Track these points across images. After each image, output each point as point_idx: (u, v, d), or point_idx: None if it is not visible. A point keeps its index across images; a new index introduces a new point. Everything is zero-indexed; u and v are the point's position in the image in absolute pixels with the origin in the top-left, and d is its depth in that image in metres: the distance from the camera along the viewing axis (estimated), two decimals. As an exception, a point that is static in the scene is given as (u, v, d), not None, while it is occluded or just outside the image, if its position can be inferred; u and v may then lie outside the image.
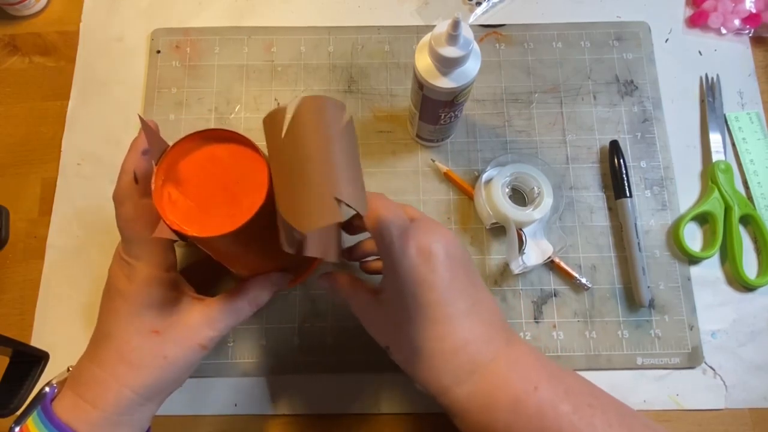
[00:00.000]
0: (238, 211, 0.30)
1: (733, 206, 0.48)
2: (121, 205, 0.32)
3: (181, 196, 0.31)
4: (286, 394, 0.45)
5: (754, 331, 0.47)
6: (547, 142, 0.51)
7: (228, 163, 0.31)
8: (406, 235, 0.33)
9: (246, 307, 0.35)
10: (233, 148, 0.32)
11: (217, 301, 0.34)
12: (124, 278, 0.33)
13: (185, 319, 0.33)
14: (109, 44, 0.55)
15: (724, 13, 0.55)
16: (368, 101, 0.52)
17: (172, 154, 0.31)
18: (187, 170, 0.31)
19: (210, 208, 0.31)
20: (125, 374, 0.32)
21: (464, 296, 0.33)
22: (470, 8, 0.56)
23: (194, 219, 0.30)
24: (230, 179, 0.31)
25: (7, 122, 0.52)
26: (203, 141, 0.32)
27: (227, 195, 0.31)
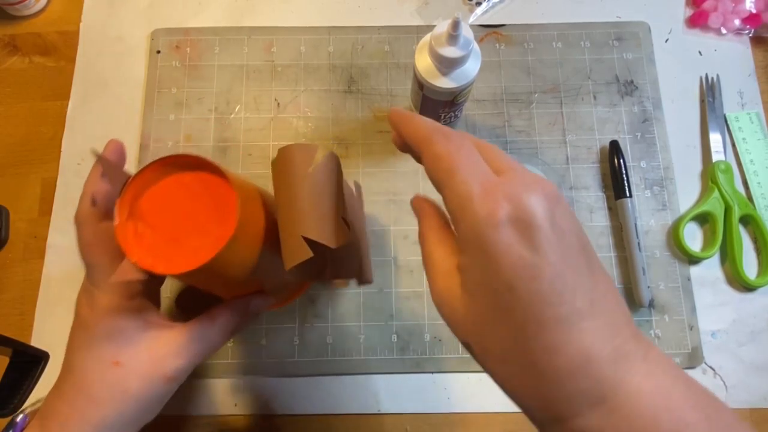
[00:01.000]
0: (209, 241, 0.29)
1: (733, 206, 0.48)
2: (81, 228, 0.30)
3: (147, 228, 0.29)
4: (286, 394, 0.45)
5: (754, 331, 0.47)
6: (547, 142, 0.51)
7: (196, 192, 0.30)
8: (493, 194, 0.22)
9: (218, 334, 0.33)
10: (201, 175, 0.30)
11: (187, 327, 0.32)
12: (86, 306, 0.31)
13: (150, 350, 0.31)
14: (109, 44, 0.55)
15: (724, 13, 0.55)
16: (368, 101, 0.52)
17: (136, 184, 0.30)
18: (153, 201, 0.30)
19: (179, 241, 0.29)
20: (86, 409, 0.30)
21: (582, 287, 0.22)
22: (470, 8, 0.56)
23: (162, 253, 0.29)
24: (199, 208, 0.30)
25: (7, 122, 0.52)
26: (169, 169, 0.30)
27: (197, 225, 0.29)
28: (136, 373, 0.30)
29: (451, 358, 0.45)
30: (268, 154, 0.51)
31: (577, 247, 0.23)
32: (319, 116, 0.52)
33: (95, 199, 0.30)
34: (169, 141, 0.51)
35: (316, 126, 0.52)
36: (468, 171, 0.23)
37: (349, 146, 0.51)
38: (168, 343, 0.31)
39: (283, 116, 0.52)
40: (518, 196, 0.22)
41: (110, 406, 0.30)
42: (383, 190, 0.50)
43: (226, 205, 0.29)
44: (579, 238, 0.23)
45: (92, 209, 0.30)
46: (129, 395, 0.30)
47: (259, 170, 0.50)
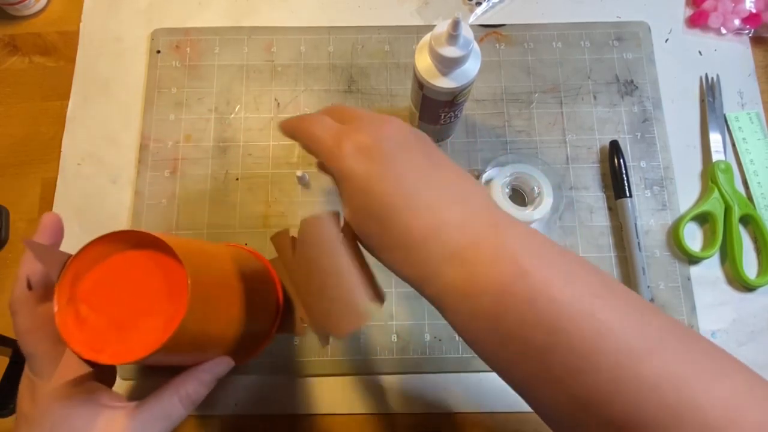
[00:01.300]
0: (160, 323, 0.27)
1: (733, 206, 0.48)
2: (16, 315, 0.28)
3: (91, 312, 0.27)
4: (286, 394, 0.45)
5: (754, 331, 0.47)
6: (547, 142, 0.51)
7: (143, 270, 0.28)
8: (338, 139, 0.29)
9: (179, 408, 0.30)
10: (147, 252, 0.28)
11: (144, 406, 0.30)
12: (28, 399, 0.28)
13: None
14: (109, 44, 0.55)
15: (724, 13, 0.55)
16: (368, 101, 0.52)
17: (76, 265, 0.28)
18: (96, 282, 0.28)
19: (127, 324, 0.27)
20: None
21: (427, 179, 0.28)
22: (470, 8, 0.56)
23: (109, 339, 0.27)
24: (146, 288, 0.28)
25: (7, 122, 0.52)
26: (112, 246, 0.28)
27: (145, 306, 0.27)
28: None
29: (451, 358, 0.45)
30: (268, 154, 0.51)
31: (421, 152, 0.29)
32: (319, 116, 0.52)
33: (30, 282, 0.28)
34: (169, 141, 0.51)
35: (316, 126, 0.52)
36: (320, 132, 0.30)
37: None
38: (124, 427, 0.29)
39: (283, 116, 0.52)
40: (357, 133, 0.29)
41: None
42: (383, 190, 0.50)
43: (177, 282, 0.27)
44: (421, 146, 0.30)
45: (28, 293, 0.28)
46: None
47: (259, 170, 0.50)
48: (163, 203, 0.49)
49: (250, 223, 0.49)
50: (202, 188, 0.50)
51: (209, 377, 0.32)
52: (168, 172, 0.50)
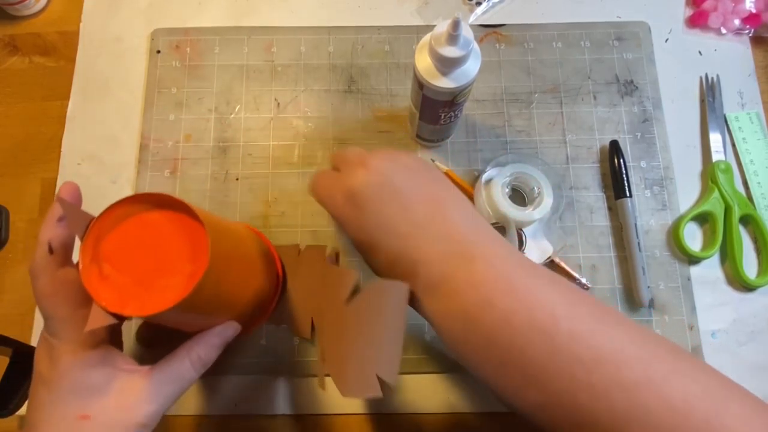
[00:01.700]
0: (180, 281, 0.28)
1: (733, 206, 0.48)
2: (37, 279, 0.29)
3: (113, 270, 0.28)
4: (285, 394, 0.45)
5: (754, 331, 0.47)
6: (547, 142, 0.51)
7: (164, 231, 0.29)
8: (332, 189, 0.33)
9: (190, 371, 0.32)
10: (167, 214, 0.29)
11: (157, 369, 0.31)
12: (47, 360, 0.29)
13: (119, 398, 0.29)
14: (109, 44, 0.55)
15: (724, 13, 0.55)
16: (368, 101, 0.52)
17: (99, 225, 0.29)
18: (118, 242, 0.29)
19: (147, 282, 0.28)
20: None
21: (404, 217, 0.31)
22: (470, 8, 0.56)
23: (131, 295, 0.28)
24: (167, 248, 0.29)
25: (7, 122, 0.52)
26: (133, 208, 0.29)
27: (165, 265, 0.29)
28: (107, 424, 0.29)
29: (451, 358, 0.45)
30: (268, 154, 0.51)
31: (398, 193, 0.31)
32: (319, 116, 0.52)
33: (52, 247, 0.29)
34: (169, 141, 0.51)
35: (316, 126, 0.52)
36: (320, 187, 0.35)
37: (349, 147, 0.51)
38: (138, 390, 0.30)
39: (283, 116, 0.52)
40: (344, 182, 0.32)
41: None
42: (383, 190, 0.50)
43: (197, 243, 0.28)
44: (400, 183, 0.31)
45: (49, 258, 0.29)
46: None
47: (259, 170, 0.50)
48: (163, 203, 0.49)
49: (250, 223, 0.49)
50: (202, 188, 0.50)
51: (219, 341, 0.33)
52: (168, 172, 0.50)
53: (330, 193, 0.33)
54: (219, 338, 0.34)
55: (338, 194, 0.32)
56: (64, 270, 0.29)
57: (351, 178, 0.32)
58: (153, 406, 0.30)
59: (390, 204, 0.31)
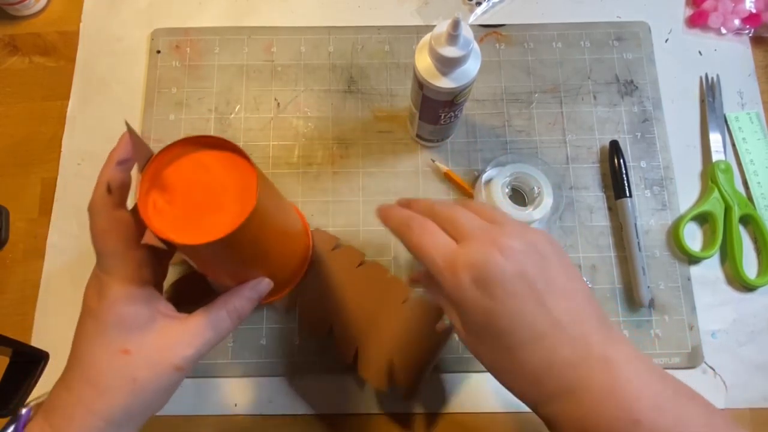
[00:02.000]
0: (227, 218, 0.29)
1: (733, 206, 0.48)
2: (94, 216, 0.31)
3: (167, 204, 0.30)
4: (286, 394, 0.45)
5: (754, 331, 0.47)
6: (547, 142, 0.51)
7: (215, 171, 0.31)
8: (453, 266, 0.30)
9: (226, 320, 0.33)
10: (221, 155, 0.31)
11: (195, 316, 0.32)
12: (95, 295, 0.31)
13: (158, 338, 0.31)
14: (109, 44, 0.55)
15: (724, 13, 0.55)
16: (368, 101, 0.52)
17: (158, 161, 0.31)
18: (173, 178, 0.31)
19: (197, 216, 0.30)
20: (91, 399, 0.29)
21: (542, 313, 0.29)
22: (470, 8, 0.56)
23: (181, 227, 0.30)
24: (218, 186, 0.30)
25: (7, 122, 0.52)
26: (189, 148, 0.31)
27: (215, 202, 0.30)
28: (145, 361, 0.30)
29: (451, 358, 0.45)
30: (268, 154, 0.51)
31: (534, 282, 0.29)
32: (319, 116, 0.52)
33: (111, 187, 0.31)
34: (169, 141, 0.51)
35: (316, 126, 0.52)
36: (432, 249, 0.31)
37: (349, 146, 0.51)
38: (177, 333, 0.31)
39: (283, 116, 0.52)
40: (471, 260, 0.29)
41: (117, 396, 0.30)
42: (383, 189, 0.50)
43: (246, 184, 0.30)
44: (536, 271, 0.30)
45: (107, 197, 0.31)
46: (137, 385, 0.30)
47: (259, 170, 0.50)
48: (163, 203, 0.49)
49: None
50: (202, 188, 0.50)
51: (254, 294, 0.34)
52: (168, 172, 0.50)
53: (450, 265, 0.30)
54: (254, 292, 0.35)
55: (462, 271, 0.29)
56: (120, 211, 0.31)
57: (482, 258, 0.29)
58: (190, 351, 0.31)
59: (527, 300, 0.29)
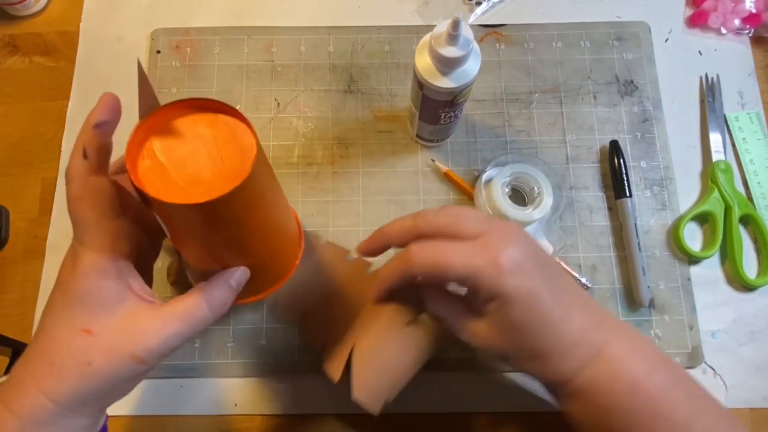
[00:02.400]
0: (213, 185, 0.28)
1: (733, 206, 0.48)
2: (70, 182, 0.29)
3: (154, 159, 0.29)
4: (286, 394, 0.45)
5: (754, 331, 0.47)
6: (547, 142, 0.51)
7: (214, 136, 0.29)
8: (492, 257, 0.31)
9: (205, 311, 0.30)
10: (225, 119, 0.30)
11: (169, 304, 0.30)
12: (68, 265, 0.29)
13: (124, 322, 0.28)
14: (109, 44, 0.55)
15: (724, 13, 0.55)
16: (368, 101, 0.52)
17: (159, 115, 0.30)
18: (170, 135, 0.29)
19: (182, 178, 0.28)
20: (44, 377, 0.28)
21: (564, 291, 0.33)
22: (470, 8, 0.56)
23: (161, 183, 0.28)
24: (213, 153, 0.29)
25: (7, 122, 0.52)
26: (193, 109, 0.30)
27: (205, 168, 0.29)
28: (104, 345, 0.28)
29: (451, 358, 0.45)
30: (268, 153, 0.51)
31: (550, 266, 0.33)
32: (319, 116, 0.52)
33: (87, 153, 0.29)
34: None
35: (316, 126, 0.52)
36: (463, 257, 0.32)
37: (349, 146, 0.51)
38: (146, 319, 0.29)
39: (283, 116, 0.52)
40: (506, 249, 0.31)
41: (70, 379, 0.28)
42: (383, 189, 0.50)
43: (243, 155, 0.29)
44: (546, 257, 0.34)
45: (83, 162, 0.29)
46: (91, 370, 0.28)
47: (259, 170, 0.50)
48: (163, 203, 0.49)
49: (250, 223, 0.49)
50: (202, 188, 0.50)
51: (233, 283, 0.32)
52: (168, 172, 0.50)
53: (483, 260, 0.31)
54: (233, 281, 0.32)
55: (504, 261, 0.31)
56: (98, 177, 0.29)
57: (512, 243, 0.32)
58: (155, 342, 0.28)
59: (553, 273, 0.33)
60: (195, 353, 0.45)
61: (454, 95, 0.41)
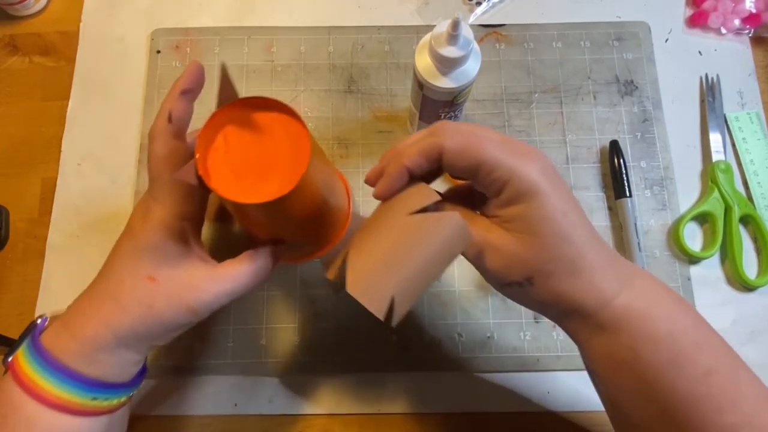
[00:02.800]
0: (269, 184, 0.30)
1: (733, 206, 0.48)
2: (153, 141, 0.32)
3: (223, 151, 0.31)
4: (286, 394, 0.45)
5: (754, 331, 0.47)
6: (547, 142, 0.51)
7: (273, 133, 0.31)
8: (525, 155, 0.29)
9: (251, 276, 0.33)
10: (280, 118, 0.32)
11: (223, 266, 0.33)
12: (140, 216, 0.32)
13: (183, 275, 0.32)
14: (109, 44, 0.55)
15: (724, 13, 0.55)
16: (368, 101, 0.52)
17: (233, 107, 0.31)
18: (238, 128, 0.31)
19: (244, 172, 0.30)
20: (109, 312, 0.32)
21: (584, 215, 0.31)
22: (470, 8, 0.56)
23: (222, 175, 0.30)
24: (273, 151, 0.31)
25: (7, 122, 0.52)
26: (258, 108, 0.32)
27: (265, 165, 0.31)
28: (164, 294, 0.31)
29: (451, 358, 0.45)
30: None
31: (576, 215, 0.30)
32: (319, 116, 0.52)
33: (171, 117, 0.32)
34: (169, 141, 0.51)
35: (316, 126, 0.52)
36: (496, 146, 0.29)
37: (349, 146, 0.51)
38: (201, 275, 0.32)
39: (283, 116, 0.52)
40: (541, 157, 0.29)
41: (131, 317, 0.31)
42: (383, 190, 0.50)
43: (298, 157, 0.31)
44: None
45: (167, 125, 0.32)
46: (152, 313, 0.31)
47: (259, 170, 0.50)
48: (163, 203, 0.49)
49: (250, 223, 0.49)
50: (202, 188, 0.50)
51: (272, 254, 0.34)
52: (168, 172, 0.50)
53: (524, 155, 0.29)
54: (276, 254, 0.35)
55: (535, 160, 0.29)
56: (177, 141, 0.32)
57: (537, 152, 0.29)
58: (207, 297, 0.32)
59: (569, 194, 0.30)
60: (195, 353, 0.45)
61: (454, 95, 0.41)
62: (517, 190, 0.28)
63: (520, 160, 0.28)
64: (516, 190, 0.28)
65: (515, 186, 0.28)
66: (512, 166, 0.28)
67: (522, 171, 0.28)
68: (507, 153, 0.29)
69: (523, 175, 0.28)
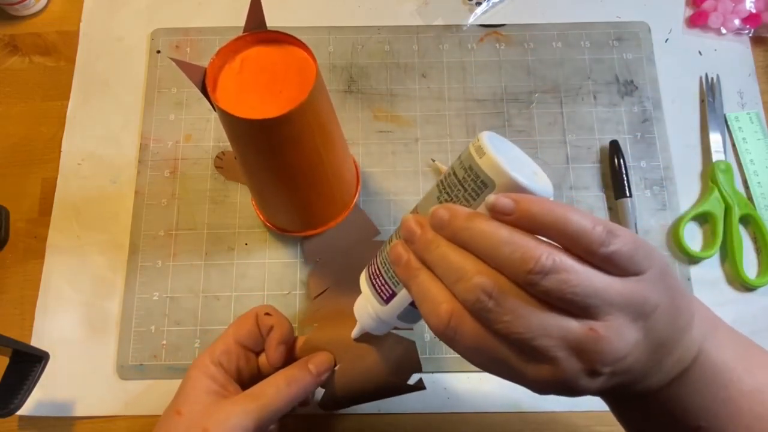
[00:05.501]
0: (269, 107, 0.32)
1: (733, 206, 0.48)
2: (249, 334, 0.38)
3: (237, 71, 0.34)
4: (286, 394, 0.45)
5: (754, 331, 0.47)
6: (547, 142, 0.51)
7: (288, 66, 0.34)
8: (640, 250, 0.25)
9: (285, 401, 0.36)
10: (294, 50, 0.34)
11: (239, 396, 0.36)
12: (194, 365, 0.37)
13: (205, 409, 0.35)
14: (109, 44, 0.55)
15: (724, 13, 0.55)
16: (368, 101, 0.52)
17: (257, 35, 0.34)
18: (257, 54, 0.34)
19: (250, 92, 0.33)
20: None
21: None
22: (470, 8, 0.56)
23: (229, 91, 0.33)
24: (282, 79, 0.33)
25: (7, 122, 0.52)
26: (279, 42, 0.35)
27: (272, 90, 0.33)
28: (185, 423, 0.34)
29: (451, 358, 0.45)
30: (268, 154, 0.51)
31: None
32: (319, 116, 0.52)
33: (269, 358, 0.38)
34: (169, 141, 0.51)
35: (316, 126, 0.52)
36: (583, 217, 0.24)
37: (349, 146, 0.51)
38: (220, 407, 0.35)
39: (283, 116, 0.52)
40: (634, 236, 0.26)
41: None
42: (383, 189, 0.50)
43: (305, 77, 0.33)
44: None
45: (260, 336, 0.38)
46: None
47: (259, 170, 0.50)
48: (163, 203, 0.49)
49: (250, 223, 0.49)
50: (202, 188, 0.50)
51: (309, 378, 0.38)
52: (168, 172, 0.50)
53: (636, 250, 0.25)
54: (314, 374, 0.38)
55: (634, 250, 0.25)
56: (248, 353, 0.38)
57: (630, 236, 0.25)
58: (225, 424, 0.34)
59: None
60: (195, 353, 0.45)
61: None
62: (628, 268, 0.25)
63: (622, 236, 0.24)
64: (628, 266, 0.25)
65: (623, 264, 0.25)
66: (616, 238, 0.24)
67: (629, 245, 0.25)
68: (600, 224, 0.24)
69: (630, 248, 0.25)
